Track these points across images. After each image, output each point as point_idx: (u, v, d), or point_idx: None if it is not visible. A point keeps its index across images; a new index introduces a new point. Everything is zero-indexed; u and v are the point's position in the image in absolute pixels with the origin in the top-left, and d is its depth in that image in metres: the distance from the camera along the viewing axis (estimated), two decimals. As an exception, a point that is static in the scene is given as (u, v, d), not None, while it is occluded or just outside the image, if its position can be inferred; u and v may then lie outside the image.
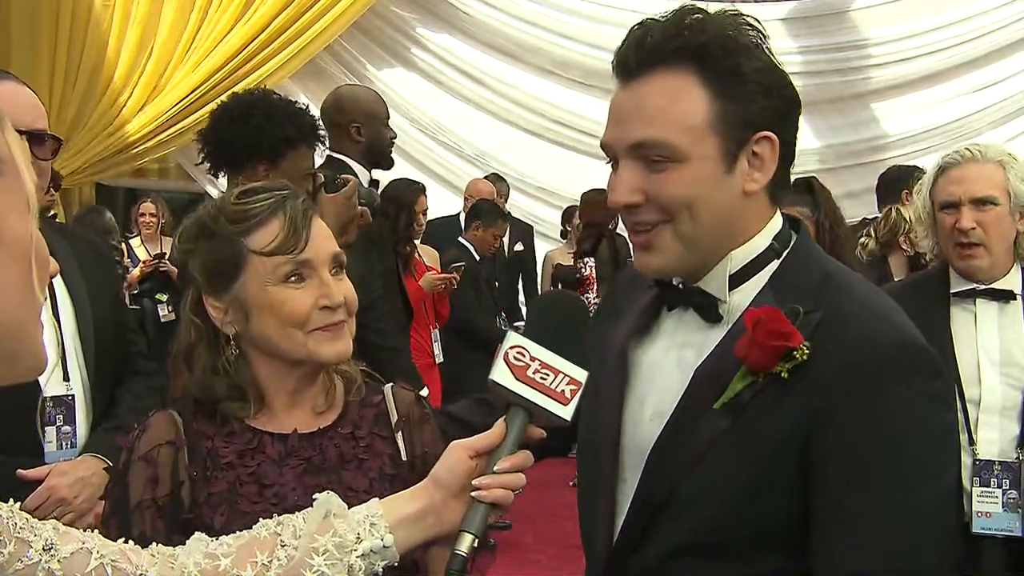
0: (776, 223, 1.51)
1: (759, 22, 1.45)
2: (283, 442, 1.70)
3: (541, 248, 8.47)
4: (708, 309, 1.48)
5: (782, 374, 1.36)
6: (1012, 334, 2.69)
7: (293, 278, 1.67)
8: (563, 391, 1.38)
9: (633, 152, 1.43)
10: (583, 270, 7.32)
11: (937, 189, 2.77)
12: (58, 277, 2.50)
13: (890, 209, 6.05)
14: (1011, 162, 2.70)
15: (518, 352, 1.38)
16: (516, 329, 1.69)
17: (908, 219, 5.42)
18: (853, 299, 1.44)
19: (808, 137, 9.41)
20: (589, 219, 7.16)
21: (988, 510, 2.62)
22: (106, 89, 7.56)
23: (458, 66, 9.03)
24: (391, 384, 1.87)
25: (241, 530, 1.50)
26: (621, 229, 5.89)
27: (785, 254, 1.49)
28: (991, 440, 2.66)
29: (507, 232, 7.26)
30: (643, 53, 1.42)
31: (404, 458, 1.76)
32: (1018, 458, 2.62)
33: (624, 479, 1.51)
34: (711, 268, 1.48)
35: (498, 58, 9.15)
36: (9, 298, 1.01)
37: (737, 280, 1.47)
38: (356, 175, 4.26)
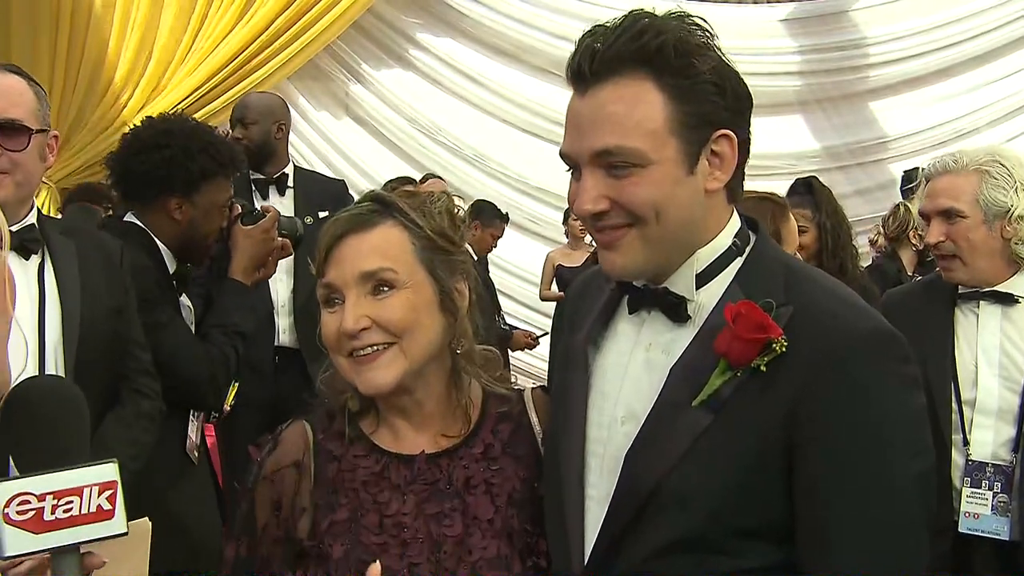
0: (735, 222, 1.53)
1: (706, 21, 1.45)
2: (409, 466, 1.61)
3: (539, 248, 8.48)
4: (676, 309, 1.48)
5: (761, 367, 1.37)
6: (1014, 337, 2.69)
7: (327, 302, 1.61)
8: (100, 505, 1.16)
9: (596, 160, 1.43)
10: None
11: (922, 200, 2.82)
12: (51, 282, 2.39)
13: (898, 205, 6.10)
14: (995, 169, 2.67)
15: (21, 502, 1.11)
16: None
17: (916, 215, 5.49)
18: (821, 291, 1.46)
19: (811, 137, 9.41)
20: None
21: (977, 511, 2.63)
22: (107, 90, 7.56)
23: (457, 67, 9.04)
24: (532, 388, 1.76)
25: (358, 561, 1.51)
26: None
27: (747, 252, 1.51)
28: (985, 442, 2.67)
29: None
30: (597, 61, 1.42)
31: None
32: (1011, 461, 2.62)
33: (593, 483, 1.50)
34: (676, 268, 1.49)
35: (497, 59, 9.15)
36: None
37: (703, 279, 1.48)
38: (249, 179, 4.30)
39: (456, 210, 1.69)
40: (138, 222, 2.93)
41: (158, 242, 2.91)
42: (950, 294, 2.79)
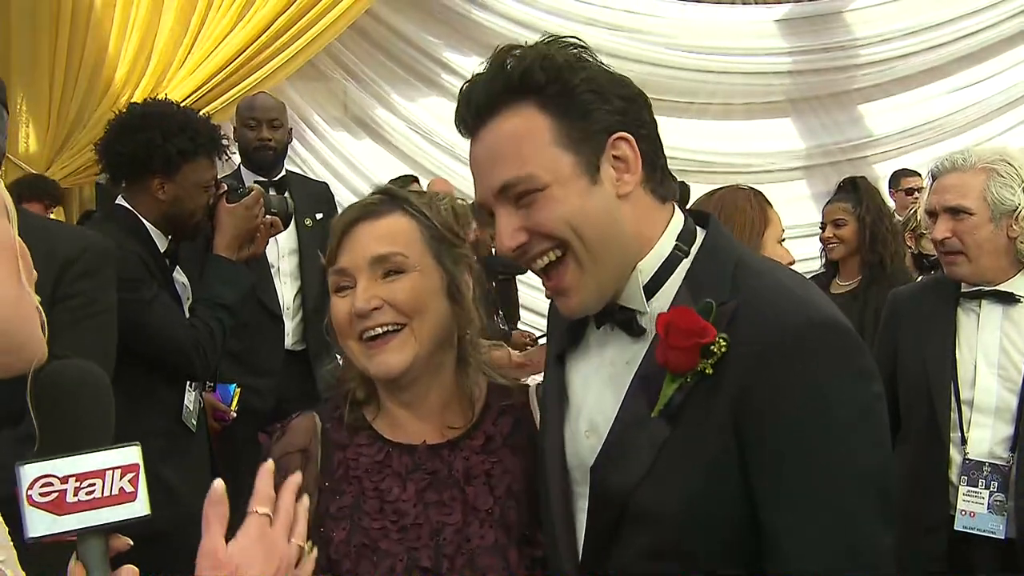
0: (677, 223, 1.50)
1: (578, 38, 1.46)
2: (411, 455, 1.66)
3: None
4: (630, 323, 1.48)
5: (706, 371, 1.36)
6: (1013, 337, 2.71)
7: (338, 288, 1.66)
8: (122, 488, 1.16)
9: (501, 197, 1.45)
10: None
11: (927, 198, 2.85)
12: None
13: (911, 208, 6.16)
14: (1003, 167, 2.70)
15: (44, 484, 1.12)
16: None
17: (915, 217, 5.53)
18: (767, 284, 1.43)
19: (799, 137, 9.46)
20: None
21: (973, 510, 2.65)
22: (106, 90, 7.56)
23: (455, 69, 9.07)
24: (537, 384, 1.77)
25: (359, 545, 1.55)
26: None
27: (695, 252, 1.48)
28: (982, 440, 2.69)
29: None
30: (475, 105, 1.46)
31: None
32: (1008, 460, 2.65)
33: (577, 493, 1.53)
34: (625, 284, 1.47)
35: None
36: (7, 290, 1.10)
37: (652, 289, 1.47)
38: (242, 178, 4.30)
39: (460, 209, 1.75)
40: (126, 204, 3.05)
41: (146, 222, 3.03)
42: (953, 293, 2.80)
